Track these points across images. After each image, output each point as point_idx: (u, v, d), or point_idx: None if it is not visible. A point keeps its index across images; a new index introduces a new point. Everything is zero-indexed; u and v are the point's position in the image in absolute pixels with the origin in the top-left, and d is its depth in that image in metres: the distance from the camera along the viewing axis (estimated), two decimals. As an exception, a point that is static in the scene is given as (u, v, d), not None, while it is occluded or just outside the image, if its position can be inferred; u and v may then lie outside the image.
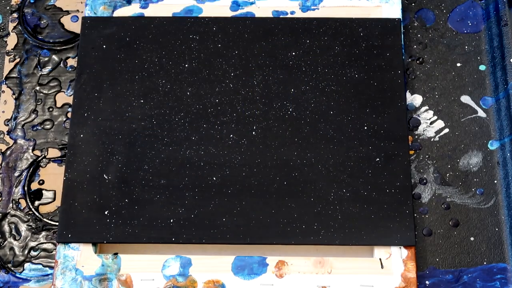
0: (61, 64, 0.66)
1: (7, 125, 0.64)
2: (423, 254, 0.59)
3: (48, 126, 0.64)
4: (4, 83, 0.66)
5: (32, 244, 0.61)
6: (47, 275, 0.60)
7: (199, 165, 0.60)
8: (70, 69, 0.66)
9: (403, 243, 0.58)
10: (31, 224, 0.61)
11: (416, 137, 0.63)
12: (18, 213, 0.62)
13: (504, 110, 0.63)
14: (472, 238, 0.60)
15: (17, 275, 0.60)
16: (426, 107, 0.64)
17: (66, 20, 0.68)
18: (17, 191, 0.62)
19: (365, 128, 0.61)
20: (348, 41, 0.64)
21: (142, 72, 0.64)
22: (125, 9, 0.67)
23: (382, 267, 0.57)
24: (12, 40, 0.67)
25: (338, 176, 0.60)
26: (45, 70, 0.66)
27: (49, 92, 0.65)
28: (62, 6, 0.68)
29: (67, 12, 0.68)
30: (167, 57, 0.64)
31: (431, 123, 0.63)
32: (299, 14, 0.66)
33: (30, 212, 0.61)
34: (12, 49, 0.67)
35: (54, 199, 0.62)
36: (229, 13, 0.66)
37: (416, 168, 0.62)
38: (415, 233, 0.58)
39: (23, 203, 0.62)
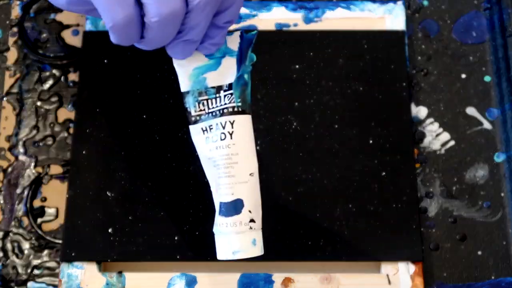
0: (62, 79, 0.66)
1: (8, 141, 0.64)
2: (430, 269, 0.58)
3: (49, 142, 0.64)
4: (5, 98, 0.65)
5: (35, 262, 0.60)
6: (51, 294, 0.59)
7: (203, 181, 0.59)
8: (71, 84, 0.65)
9: (410, 258, 0.57)
10: (33, 242, 0.61)
11: (422, 150, 0.62)
12: (20, 231, 0.61)
13: (510, 121, 0.62)
14: (479, 252, 0.59)
15: (21, 294, 0.59)
16: (432, 120, 0.63)
17: (66, 34, 0.67)
18: (19, 209, 0.61)
19: (370, 141, 0.61)
20: (352, 54, 0.64)
21: (144, 87, 0.63)
22: (126, 23, 0.66)
23: (389, 283, 0.57)
24: (12, 55, 0.66)
25: (343, 191, 0.59)
26: (46, 85, 0.65)
27: (50, 107, 0.65)
28: (62, 20, 0.67)
29: (68, 27, 0.67)
30: (169, 71, 0.63)
31: (437, 135, 0.63)
32: (302, 26, 0.65)
33: (33, 230, 0.61)
34: (12, 64, 0.66)
35: (57, 216, 0.61)
36: (231, 26, 0.65)
37: (422, 182, 0.61)
38: (422, 248, 0.58)
39: (25, 220, 0.61)
